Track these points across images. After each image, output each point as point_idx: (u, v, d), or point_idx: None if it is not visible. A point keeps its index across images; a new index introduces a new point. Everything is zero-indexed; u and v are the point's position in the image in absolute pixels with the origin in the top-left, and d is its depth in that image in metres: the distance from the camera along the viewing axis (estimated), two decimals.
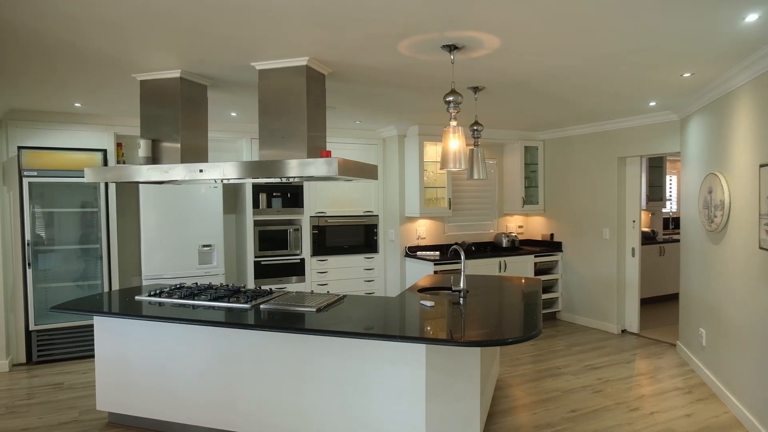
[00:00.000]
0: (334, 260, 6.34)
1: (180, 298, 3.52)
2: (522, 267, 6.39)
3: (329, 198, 6.31)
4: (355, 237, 6.48)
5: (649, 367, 4.82)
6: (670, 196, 8.73)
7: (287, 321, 2.96)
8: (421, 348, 2.83)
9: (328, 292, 4.73)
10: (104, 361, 3.62)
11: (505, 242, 6.66)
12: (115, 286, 5.34)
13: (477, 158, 4.08)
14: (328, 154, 3.03)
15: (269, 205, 6.02)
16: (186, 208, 5.46)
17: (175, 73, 3.48)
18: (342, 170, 2.96)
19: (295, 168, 2.98)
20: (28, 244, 4.92)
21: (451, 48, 2.96)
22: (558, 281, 6.70)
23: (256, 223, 5.96)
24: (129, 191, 5.74)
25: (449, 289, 4.00)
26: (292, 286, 6.12)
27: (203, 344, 3.35)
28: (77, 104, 4.64)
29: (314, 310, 3.17)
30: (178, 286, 3.93)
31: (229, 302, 3.38)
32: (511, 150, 6.89)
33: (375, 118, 5.64)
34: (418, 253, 6.22)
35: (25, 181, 4.89)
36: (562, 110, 5.23)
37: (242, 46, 2.98)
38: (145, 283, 5.32)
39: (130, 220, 5.75)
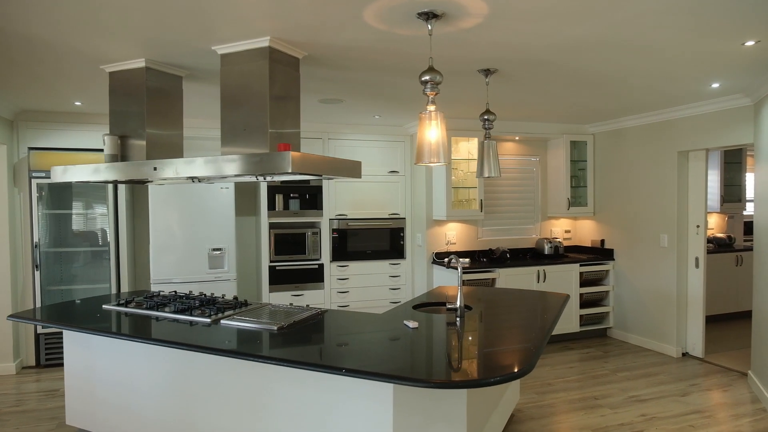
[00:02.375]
0: (356, 266, 5.90)
1: (146, 308, 3.21)
2: (565, 277, 5.65)
3: (351, 199, 5.89)
4: (380, 241, 6.01)
5: (709, 402, 4.00)
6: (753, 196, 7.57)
7: (241, 341, 2.55)
8: (385, 383, 2.32)
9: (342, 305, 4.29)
10: (72, 374, 3.38)
11: (547, 249, 5.95)
12: (124, 289, 5.18)
13: (488, 153, 3.50)
14: (285, 148, 2.59)
15: (286, 206, 5.68)
16: (196, 210, 5.22)
17: (140, 63, 3.18)
18: (299, 167, 2.52)
19: (237, 164, 2.57)
20: (36, 246, 4.86)
21: (428, 16, 2.43)
22: (609, 294, 5.89)
23: (272, 226, 5.64)
24: (143, 192, 5.59)
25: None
26: (310, 294, 5.74)
27: (161, 361, 3.01)
28: (77, 102, 4.50)
29: (275, 329, 2.74)
30: (152, 294, 3.64)
31: (192, 315, 3.03)
32: (556, 145, 6.16)
33: (394, 112, 5.15)
34: (446, 260, 5.64)
35: (34, 182, 4.83)
36: (606, 97, 4.50)
37: (199, 25, 2.61)
38: (153, 287, 5.14)
39: (144, 222, 5.61)
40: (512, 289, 3.95)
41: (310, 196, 5.77)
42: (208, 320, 2.93)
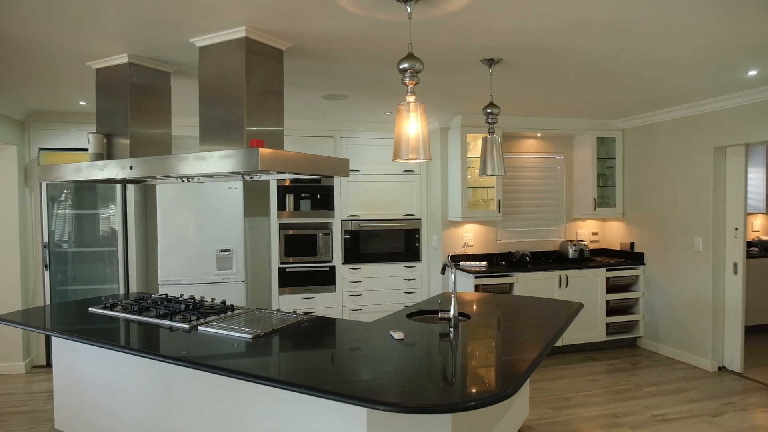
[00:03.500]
0: (369, 268, 5.70)
1: (130, 312, 3.11)
2: (589, 283, 5.29)
3: (364, 199, 5.69)
4: (394, 243, 5.79)
5: (746, 424, 3.61)
6: None
7: (211, 349, 2.40)
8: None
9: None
10: (60, 377, 3.31)
11: (571, 252, 5.59)
12: (133, 290, 5.15)
13: (492, 149, 3.23)
14: (257, 144, 2.42)
15: (297, 207, 5.54)
16: (204, 211, 5.14)
17: (123, 59, 3.07)
18: (271, 165, 2.34)
19: (204, 162, 2.41)
20: (45, 246, 4.88)
21: None
22: (639, 301, 5.48)
23: (282, 227, 5.51)
24: (155, 192, 5.56)
25: (462, 315, 3.19)
26: (321, 296, 5.58)
27: (139, 367, 2.89)
28: (82, 102, 4.48)
29: (250, 337, 2.57)
30: (142, 297, 3.54)
31: (172, 320, 2.90)
32: (581, 142, 5.79)
33: None
34: (462, 263, 5.39)
35: (44, 182, 4.85)
36: (631, 89, 4.15)
37: (171, 16, 2.47)
38: (161, 289, 5.08)
39: (155, 223, 5.57)
40: (520, 296, 3.66)
41: (322, 196, 5.61)
42: (187, 326, 2.79)
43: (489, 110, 3.19)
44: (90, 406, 3.15)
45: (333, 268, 5.62)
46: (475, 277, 4.92)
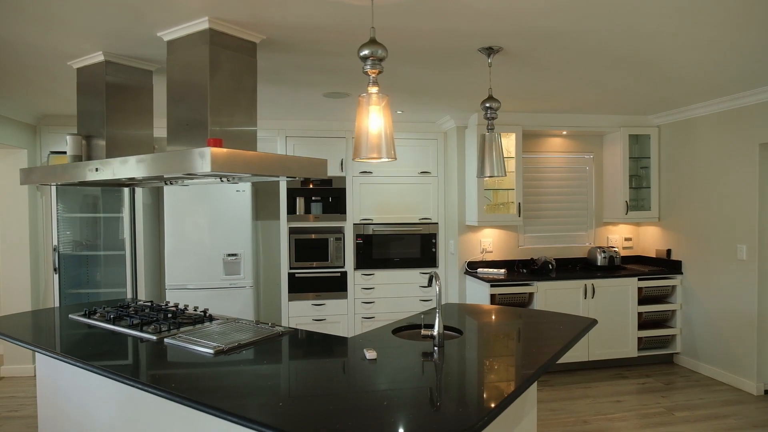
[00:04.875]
0: (383, 275, 5.45)
1: (105, 321, 2.98)
2: (619, 293, 4.85)
3: (377, 203, 5.45)
4: (409, 248, 5.52)
5: None
6: None
7: (167, 362, 2.21)
8: None
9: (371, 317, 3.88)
10: (41, 385, 3.22)
11: (599, 259, 5.16)
12: (142, 294, 5.09)
13: (491, 148, 2.93)
14: (214, 144, 2.22)
15: (307, 210, 5.35)
16: (211, 214, 5.03)
17: (99, 57, 2.95)
18: (224, 166, 2.13)
19: (145, 165, 2.23)
20: (54, 250, 4.88)
21: None
22: (675, 313, 5.00)
23: (292, 231, 5.34)
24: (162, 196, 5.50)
25: (454, 330, 2.90)
26: (332, 303, 5.37)
27: (110, 382, 2.75)
28: None
29: (212, 352, 2.38)
30: (124, 304, 3.40)
31: (142, 331, 2.74)
32: (612, 140, 5.35)
33: (421, 106, 4.64)
34: (479, 270, 5.06)
35: (53, 186, 4.85)
36: (662, 81, 3.74)
37: (130, 8, 2.31)
38: (168, 294, 5.01)
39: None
40: (525, 310, 3.32)
41: (333, 199, 5.40)
42: (155, 338, 2.63)
43: (488, 104, 2.89)
44: (67, 417, 3.03)
45: (345, 273, 5.40)
46: (491, 285, 4.59)
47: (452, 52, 2.98)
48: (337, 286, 5.40)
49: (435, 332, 2.47)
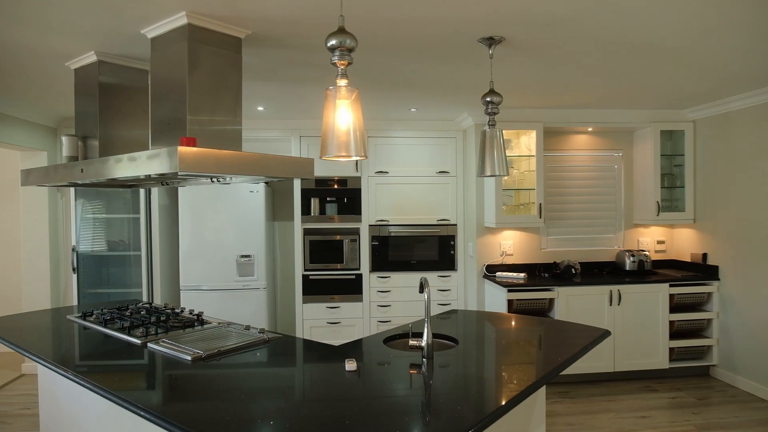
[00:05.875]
0: (399, 278, 5.29)
1: (98, 323, 2.95)
2: (648, 300, 4.53)
3: (393, 203, 5.30)
4: (427, 251, 5.34)
5: None
6: None
7: (143, 368, 2.14)
8: None
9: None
10: (42, 388, 3.23)
11: (628, 263, 4.85)
12: (157, 295, 5.11)
13: (491, 145, 2.74)
14: (188, 143, 2.13)
15: (322, 211, 5.26)
16: (224, 215, 5.00)
17: (92, 57, 2.92)
18: (193, 166, 2.04)
19: (120, 165, 2.15)
20: (73, 250, 4.95)
21: None
22: (712, 323, 4.63)
23: (306, 232, 5.25)
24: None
25: (451, 340, 2.73)
26: (347, 306, 5.26)
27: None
28: None
29: (189, 359, 2.29)
30: (123, 306, 3.38)
31: (130, 334, 2.69)
32: (642, 137, 5.02)
33: (438, 103, 4.47)
34: (498, 274, 4.84)
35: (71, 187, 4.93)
36: (691, 69, 3.44)
37: (107, 4, 2.26)
38: (182, 294, 5.01)
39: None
40: (533, 318, 3.09)
41: (349, 200, 5.28)
42: (139, 342, 2.57)
43: (488, 99, 2.70)
44: (65, 415, 3.03)
45: (360, 276, 5.27)
46: (508, 290, 4.37)
47: (451, 43, 2.81)
48: (352, 288, 5.28)
49: (423, 343, 2.31)
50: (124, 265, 5.24)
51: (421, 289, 2.47)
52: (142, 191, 5.08)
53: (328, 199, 5.27)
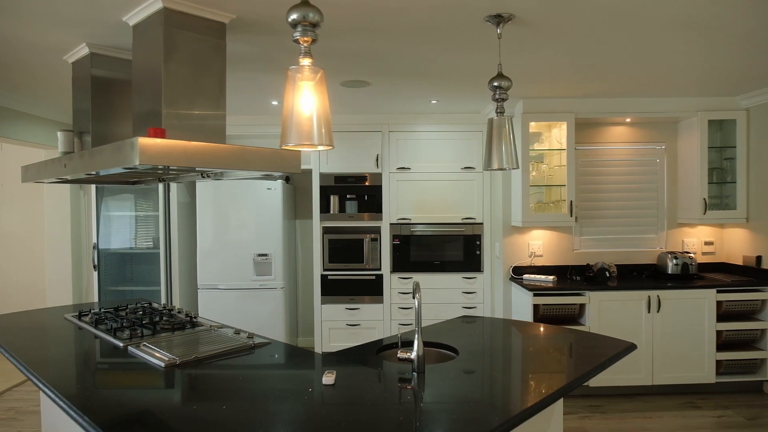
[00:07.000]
0: (422, 279, 5.04)
1: (91, 324, 2.86)
2: (692, 307, 4.11)
3: (416, 201, 5.06)
4: (451, 251, 5.08)
5: None
6: None
7: (117, 374, 2.02)
8: None
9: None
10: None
11: (671, 266, 4.43)
12: (176, 293, 5.06)
13: (499, 136, 2.46)
14: (155, 134, 1.97)
15: (342, 209, 5.08)
16: (241, 213, 4.90)
17: (85, 49, 2.83)
18: (156, 158, 1.88)
19: (84, 160, 2.02)
20: (94, 247, 4.97)
21: None
22: (766, 333, 4.16)
23: (325, 230, 5.09)
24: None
25: (451, 350, 2.49)
26: (367, 308, 5.06)
27: None
28: None
29: (162, 366, 2.14)
30: (122, 306, 3.28)
31: (116, 336, 2.58)
32: (688, 127, 4.57)
33: (455, 95, 4.21)
34: (525, 276, 4.52)
35: (92, 184, 4.95)
36: (738, 47, 3.05)
37: None
38: (199, 293, 4.94)
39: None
40: (553, 328, 2.78)
41: (369, 197, 5.08)
42: (121, 344, 2.45)
43: (495, 83, 2.43)
44: (58, 413, 2.97)
45: (380, 276, 5.06)
46: (534, 295, 4.06)
47: (458, 25, 2.55)
48: (372, 289, 5.08)
49: (413, 355, 2.07)
50: (147, 263, 5.23)
51: (414, 294, 2.24)
52: (160, 188, 5.05)
53: (347, 196, 5.09)
